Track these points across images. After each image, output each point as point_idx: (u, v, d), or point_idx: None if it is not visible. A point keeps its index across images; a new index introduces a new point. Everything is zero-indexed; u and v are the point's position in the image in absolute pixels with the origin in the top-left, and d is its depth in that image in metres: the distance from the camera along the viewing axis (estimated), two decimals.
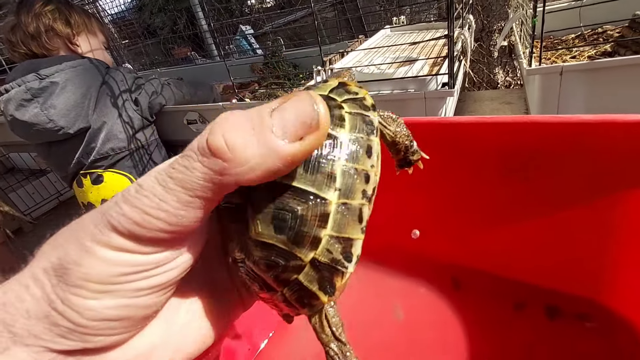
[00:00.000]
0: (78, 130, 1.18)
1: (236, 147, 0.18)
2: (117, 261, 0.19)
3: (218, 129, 0.19)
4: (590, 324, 0.47)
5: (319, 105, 0.19)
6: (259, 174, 0.18)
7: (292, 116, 0.19)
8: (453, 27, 0.80)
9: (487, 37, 2.27)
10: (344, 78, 0.29)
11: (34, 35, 1.17)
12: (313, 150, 0.19)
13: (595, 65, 0.74)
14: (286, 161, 0.18)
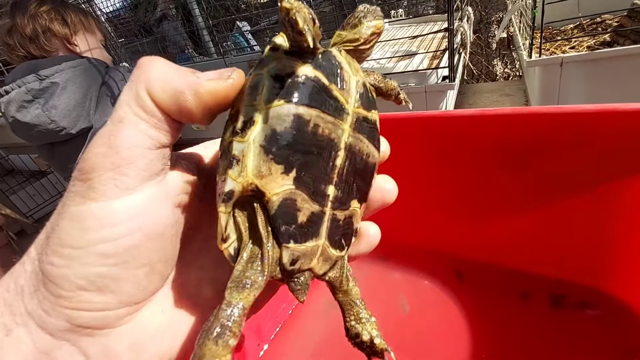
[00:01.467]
0: (80, 131, 1.17)
1: (154, 62, 0.21)
2: (81, 214, 0.19)
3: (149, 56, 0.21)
4: (593, 312, 0.47)
5: (236, 71, 0.22)
6: (164, 87, 0.20)
7: (211, 71, 0.22)
8: (453, 20, 0.80)
9: (485, 28, 2.27)
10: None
11: (31, 38, 1.16)
12: (217, 92, 0.21)
13: (595, 55, 0.74)
14: (190, 86, 0.20)
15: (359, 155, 0.24)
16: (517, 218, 0.52)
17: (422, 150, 0.53)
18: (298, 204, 0.22)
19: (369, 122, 0.25)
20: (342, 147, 0.23)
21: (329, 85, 0.23)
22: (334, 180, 0.23)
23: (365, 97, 0.25)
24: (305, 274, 0.24)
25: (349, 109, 0.24)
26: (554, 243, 0.50)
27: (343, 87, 0.24)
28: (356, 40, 0.26)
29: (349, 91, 0.24)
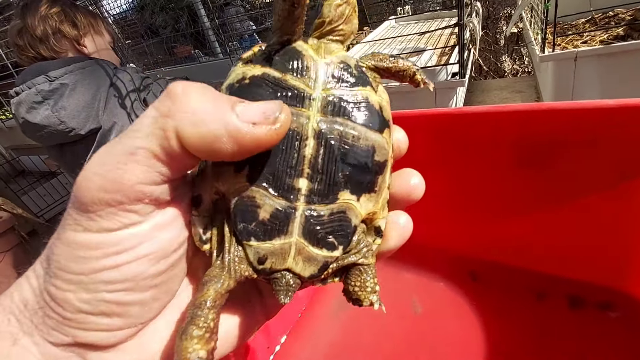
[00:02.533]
0: (89, 131, 1.18)
1: (188, 95, 0.18)
2: (77, 243, 0.18)
3: (183, 82, 0.19)
4: (615, 313, 0.46)
5: (284, 110, 0.20)
6: (199, 130, 0.18)
7: (255, 106, 0.19)
8: (463, 15, 0.79)
9: (493, 24, 2.23)
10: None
11: (41, 39, 1.17)
12: (260, 141, 0.19)
13: (611, 49, 0.72)
14: (230, 132, 0.18)
15: (342, 140, 0.22)
16: (532, 217, 0.51)
17: (434, 148, 0.52)
18: (257, 201, 0.21)
19: (352, 102, 0.23)
20: (310, 134, 0.22)
21: (281, 77, 0.22)
22: (304, 172, 0.22)
23: (344, 76, 0.23)
24: (286, 275, 0.22)
25: (314, 94, 0.22)
26: (571, 242, 0.49)
27: (303, 74, 0.23)
28: (323, 24, 0.24)
29: (313, 75, 0.23)
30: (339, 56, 0.24)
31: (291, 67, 0.22)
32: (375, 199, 0.24)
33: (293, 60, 0.23)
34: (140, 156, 0.18)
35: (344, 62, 0.24)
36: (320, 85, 0.23)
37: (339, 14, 0.24)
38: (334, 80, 0.23)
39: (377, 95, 0.25)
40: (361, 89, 0.24)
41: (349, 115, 0.23)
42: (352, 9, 0.25)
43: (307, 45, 0.23)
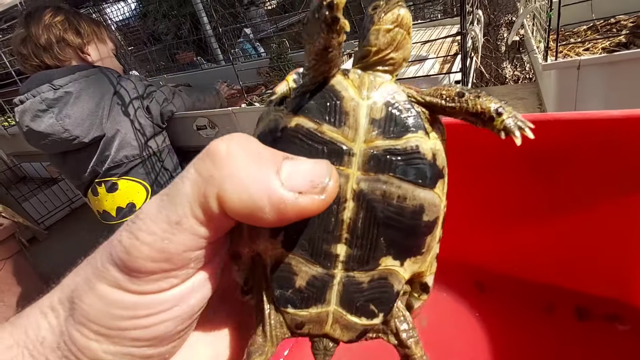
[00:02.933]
0: (92, 139, 1.19)
1: (231, 156, 0.17)
2: (113, 301, 0.18)
3: (225, 138, 0.18)
4: (623, 326, 0.46)
5: (332, 176, 0.18)
6: (241, 197, 0.17)
7: (302, 168, 0.18)
8: (466, 24, 0.79)
9: (494, 31, 2.25)
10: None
11: (45, 47, 1.17)
12: (304, 211, 0.18)
13: (614, 57, 0.72)
14: (273, 203, 0.17)
15: (385, 201, 0.20)
16: (539, 228, 0.50)
17: None
18: (294, 268, 0.21)
19: (399, 154, 0.20)
20: (349, 196, 0.20)
21: (317, 128, 0.20)
22: (342, 237, 0.20)
23: (390, 121, 0.20)
24: (324, 340, 0.22)
25: (354, 148, 0.20)
26: (579, 254, 0.49)
27: (342, 123, 0.20)
28: (369, 54, 0.21)
29: (353, 123, 0.20)
30: (385, 92, 0.21)
31: (328, 114, 0.20)
32: (421, 260, 0.22)
33: (330, 105, 0.20)
34: (186, 225, 0.17)
35: (391, 102, 0.21)
36: (362, 136, 0.20)
37: (388, 41, 0.21)
38: (378, 128, 0.20)
39: (431, 140, 0.21)
40: (411, 136, 0.20)
41: (394, 171, 0.20)
42: (405, 32, 0.21)
43: (347, 82, 0.20)
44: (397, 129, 0.20)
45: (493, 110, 0.20)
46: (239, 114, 1.19)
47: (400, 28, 0.21)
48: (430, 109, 0.22)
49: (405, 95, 0.21)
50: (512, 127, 0.20)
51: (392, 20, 0.21)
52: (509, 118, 0.20)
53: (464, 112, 0.21)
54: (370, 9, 0.22)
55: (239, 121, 1.20)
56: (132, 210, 1.27)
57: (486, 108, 0.20)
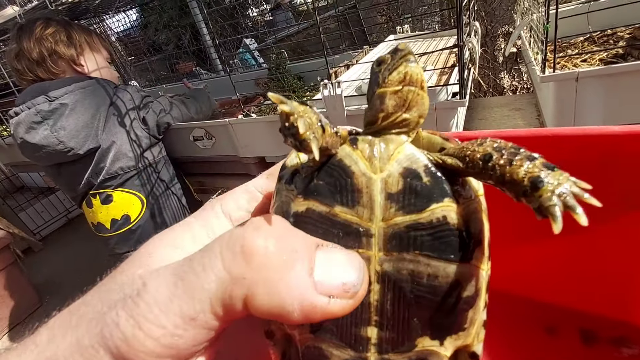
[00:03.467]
0: (88, 151, 1.18)
1: (269, 256, 0.16)
2: None
3: (263, 231, 0.16)
4: (630, 350, 0.44)
5: (364, 282, 0.17)
6: (271, 302, 0.16)
7: (336, 269, 0.17)
8: (463, 36, 0.79)
9: (491, 42, 2.26)
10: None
11: (38, 61, 1.17)
12: (332, 315, 0.17)
13: (613, 70, 0.72)
14: (303, 308, 0.16)
15: (414, 281, 0.18)
16: (540, 246, 0.49)
17: None
18: (325, 352, 0.19)
19: (424, 229, 0.18)
20: (373, 279, 0.18)
21: (329, 211, 0.18)
22: (372, 320, 0.19)
23: (410, 193, 0.18)
24: None
25: (372, 228, 0.18)
26: (582, 273, 0.47)
27: (355, 202, 0.18)
28: (376, 120, 0.19)
29: (367, 202, 0.18)
30: (401, 160, 0.18)
31: (339, 195, 0.18)
32: (465, 335, 0.20)
33: (339, 184, 0.18)
34: (201, 321, 0.16)
35: (408, 170, 0.18)
36: (379, 215, 0.18)
37: (397, 103, 0.19)
38: (397, 203, 0.18)
39: (462, 205, 0.18)
40: (436, 207, 0.18)
41: (420, 249, 0.18)
42: (417, 89, 0.18)
43: (356, 154, 0.18)
44: (418, 200, 0.18)
45: (528, 183, 0.16)
46: (236, 125, 1.18)
47: (410, 86, 0.18)
48: (455, 171, 0.19)
49: (425, 158, 0.18)
50: (553, 209, 0.16)
51: (398, 80, 0.18)
52: (551, 194, 0.16)
53: (494, 181, 0.17)
54: (375, 65, 0.20)
55: (236, 132, 1.19)
56: (127, 221, 1.25)
57: (519, 179, 0.16)
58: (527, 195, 0.16)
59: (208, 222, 0.22)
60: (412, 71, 0.18)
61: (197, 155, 1.34)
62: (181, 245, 0.20)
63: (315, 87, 1.53)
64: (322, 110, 1.01)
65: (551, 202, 0.16)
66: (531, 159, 0.17)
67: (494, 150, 0.17)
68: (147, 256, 0.19)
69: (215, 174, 1.43)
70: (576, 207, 0.16)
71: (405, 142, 0.19)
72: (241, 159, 1.26)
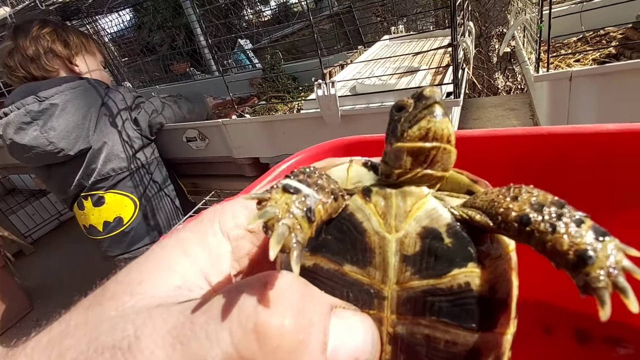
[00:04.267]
0: (78, 152, 1.16)
1: (284, 337, 0.14)
2: None
3: (279, 306, 0.14)
4: (625, 349, 0.43)
5: (377, 349, 0.16)
6: None
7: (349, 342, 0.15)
8: (456, 36, 0.79)
9: (485, 42, 2.27)
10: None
11: (32, 58, 1.16)
12: None
13: (606, 69, 0.72)
14: None
15: (430, 345, 0.16)
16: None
17: None
18: None
19: (444, 295, 0.16)
20: (385, 340, 0.17)
21: (338, 270, 0.17)
22: None
23: (429, 255, 0.16)
24: None
25: (384, 290, 0.16)
26: None
27: (367, 262, 0.16)
28: (390, 175, 0.17)
29: (380, 264, 0.16)
30: (421, 217, 0.16)
31: (349, 253, 0.17)
32: None
33: (349, 241, 0.17)
34: None
35: (428, 230, 0.16)
36: (393, 277, 0.16)
37: (419, 161, 0.16)
38: (413, 267, 0.16)
39: (486, 271, 0.16)
40: (457, 272, 0.16)
41: (437, 315, 0.16)
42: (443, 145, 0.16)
43: (369, 209, 0.17)
44: (438, 265, 0.16)
45: (574, 257, 0.14)
46: (230, 125, 1.17)
47: (434, 143, 0.16)
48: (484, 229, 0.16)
49: (449, 215, 0.16)
50: (603, 293, 0.14)
51: (419, 136, 0.16)
52: (600, 273, 0.14)
53: (532, 245, 0.15)
54: (394, 110, 0.17)
55: (229, 133, 1.18)
56: (120, 224, 1.24)
57: (563, 251, 0.14)
58: (571, 270, 0.15)
59: (206, 239, 0.20)
60: (436, 127, 0.16)
61: (191, 156, 1.33)
62: (177, 269, 0.19)
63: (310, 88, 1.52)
64: (315, 110, 1.01)
65: (600, 284, 0.14)
66: (578, 223, 0.15)
67: (532, 209, 0.15)
68: (137, 284, 0.17)
69: (209, 175, 1.42)
70: (627, 290, 0.14)
71: (427, 196, 0.17)
72: (235, 159, 1.25)
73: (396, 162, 0.16)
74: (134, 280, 0.18)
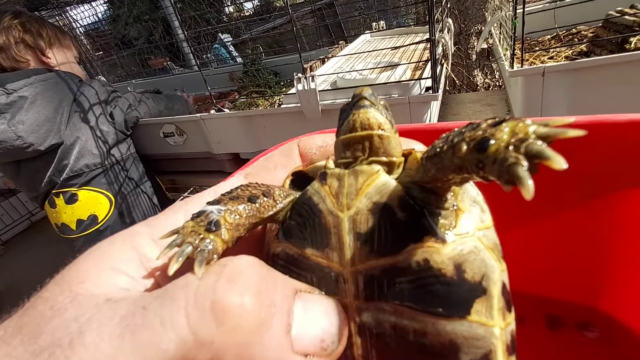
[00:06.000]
0: (49, 147, 1.11)
1: (244, 316, 0.13)
2: None
3: (238, 284, 0.14)
4: (593, 333, 0.45)
5: (342, 338, 0.15)
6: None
7: (314, 323, 0.15)
8: (434, 31, 0.79)
9: (464, 40, 2.31)
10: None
11: (2, 48, 1.11)
12: None
13: (576, 65, 0.74)
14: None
15: (400, 336, 0.15)
16: (506, 234, 0.49)
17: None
18: None
19: (403, 274, 0.15)
20: (353, 331, 0.16)
21: (301, 253, 0.16)
22: None
23: (381, 231, 0.15)
24: None
25: (344, 272, 0.16)
26: (547, 260, 0.48)
27: (325, 244, 0.16)
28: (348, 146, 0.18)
29: (336, 244, 0.16)
30: (371, 193, 0.16)
31: (309, 235, 0.16)
32: None
33: (308, 224, 0.16)
34: None
35: (379, 205, 0.15)
36: (349, 257, 0.16)
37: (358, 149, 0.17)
38: (368, 245, 0.15)
39: (451, 244, 0.15)
40: (414, 247, 0.15)
41: (400, 299, 0.15)
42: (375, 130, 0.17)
43: (324, 191, 0.16)
44: (392, 241, 0.15)
45: (474, 150, 0.12)
46: (208, 120, 1.15)
47: (364, 131, 0.17)
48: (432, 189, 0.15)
49: (400, 188, 0.16)
50: (514, 169, 0.12)
51: (349, 127, 0.17)
52: (504, 150, 0.12)
53: (459, 177, 0.14)
54: (340, 112, 0.18)
55: (208, 128, 1.16)
56: (95, 222, 1.20)
57: (464, 154, 0.12)
58: (484, 167, 0.12)
59: (161, 233, 0.18)
60: (362, 117, 0.17)
61: (168, 152, 1.29)
62: (124, 269, 0.17)
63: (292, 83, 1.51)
64: (296, 104, 1.00)
65: (508, 162, 0.12)
66: (475, 127, 0.13)
67: (440, 141, 0.14)
68: (78, 284, 0.16)
69: (187, 172, 1.39)
70: (543, 151, 0.12)
71: (378, 172, 0.16)
72: (215, 155, 1.23)
73: (339, 154, 0.17)
74: (74, 280, 0.16)
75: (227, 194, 0.17)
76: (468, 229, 0.16)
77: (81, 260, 0.17)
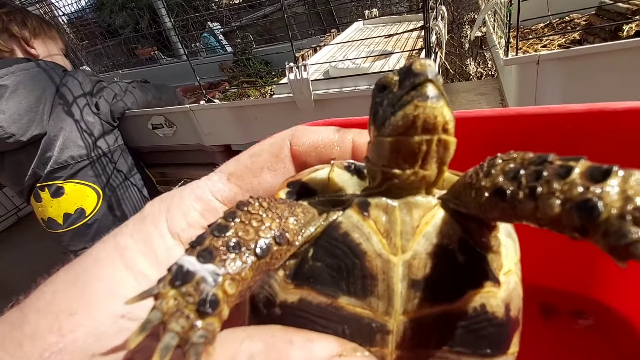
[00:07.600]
0: (32, 138, 1.08)
1: None
2: None
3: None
4: (586, 321, 0.45)
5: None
6: None
7: None
8: (429, 18, 0.78)
9: (457, 28, 2.29)
10: None
11: None
12: None
13: (571, 53, 0.73)
14: None
15: None
16: None
17: None
18: None
19: (459, 319, 0.14)
20: None
21: (331, 303, 0.13)
22: None
23: (441, 277, 0.13)
24: None
25: (389, 324, 0.14)
26: (541, 249, 0.48)
27: (367, 292, 0.13)
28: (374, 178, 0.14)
29: (384, 293, 0.13)
30: (430, 234, 0.13)
31: (344, 282, 0.13)
32: None
33: (345, 268, 0.13)
34: None
35: (439, 249, 0.13)
36: (399, 307, 0.13)
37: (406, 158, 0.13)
38: (423, 292, 0.13)
39: (503, 287, 0.14)
40: (473, 293, 0.13)
41: (450, 345, 0.14)
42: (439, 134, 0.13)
43: (368, 226, 0.13)
44: (451, 287, 0.13)
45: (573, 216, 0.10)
46: (198, 111, 1.12)
47: (424, 135, 0.12)
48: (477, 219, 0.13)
49: (459, 228, 0.13)
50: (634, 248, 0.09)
51: (405, 125, 0.12)
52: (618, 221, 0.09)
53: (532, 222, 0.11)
54: (376, 91, 0.13)
55: (198, 119, 1.13)
56: (82, 215, 1.17)
57: (555, 215, 0.10)
58: (586, 234, 0.10)
59: (151, 246, 0.17)
60: (427, 113, 0.12)
61: (157, 144, 1.26)
62: (118, 291, 0.15)
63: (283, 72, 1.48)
64: (288, 94, 0.98)
65: (630, 238, 0.09)
66: (564, 174, 0.11)
67: (506, 178, 0.12)
68: (68, 317, 0.14)
69: (178, 164, 1.36)
70: None
71: (435, 207, 0.14)
72: (205, 147, 1.20)
73: (379, 160, 0.13)
74: (64, 311, 0.14)
75: (220, 231, 0.12)
76: (510, 266, 0.15)
77: (68, 280, 0.15)
